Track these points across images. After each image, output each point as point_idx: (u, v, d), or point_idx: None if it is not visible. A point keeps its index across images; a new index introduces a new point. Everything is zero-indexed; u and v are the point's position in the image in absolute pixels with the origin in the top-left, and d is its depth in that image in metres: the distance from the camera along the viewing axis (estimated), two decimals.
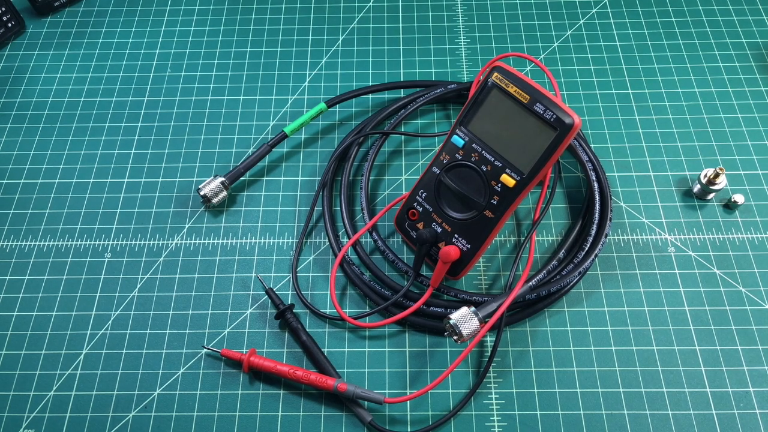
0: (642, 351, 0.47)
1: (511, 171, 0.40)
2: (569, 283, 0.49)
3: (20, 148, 0.59)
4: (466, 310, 0.44)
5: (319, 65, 0.64)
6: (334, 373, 0.46)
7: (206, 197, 0.53)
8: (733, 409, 0.45)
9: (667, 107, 0.59)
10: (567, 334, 0.48)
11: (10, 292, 0.51)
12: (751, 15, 0.66)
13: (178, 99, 0.61)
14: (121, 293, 0.51)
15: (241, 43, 0.65)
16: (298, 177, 0.56)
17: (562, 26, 0.66)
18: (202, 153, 0.58)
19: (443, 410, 0.45)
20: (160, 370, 0.47)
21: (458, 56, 0.64)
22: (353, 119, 0.60)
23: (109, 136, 0.59)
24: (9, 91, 0.63)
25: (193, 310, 0.50)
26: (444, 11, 0.67)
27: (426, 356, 0.48)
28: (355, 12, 0.68)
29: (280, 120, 0.60)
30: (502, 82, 0.39)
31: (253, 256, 0.52)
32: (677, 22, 0.65)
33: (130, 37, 0.66)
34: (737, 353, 0.47)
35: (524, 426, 0.45)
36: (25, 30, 0.67)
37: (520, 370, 0.47)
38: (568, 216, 0.54)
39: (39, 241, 0.53)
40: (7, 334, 0.49)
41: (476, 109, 0.41)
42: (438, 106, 0.60)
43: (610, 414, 0.45)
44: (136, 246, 0.53)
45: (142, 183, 0.56)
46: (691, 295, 0.49)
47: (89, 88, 0.63)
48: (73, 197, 0.55)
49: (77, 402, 0.46)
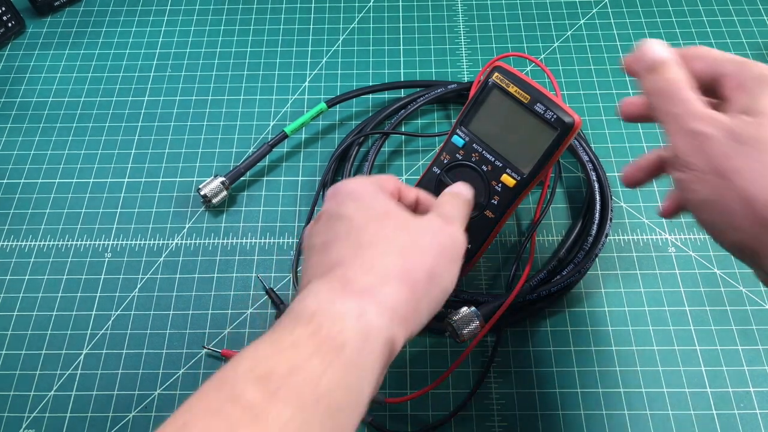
0: (642, 351, 0.47)
1: (511, 171, 0.40)
2: (569, 283, 0.49)
3: (20, 148, 0.59)
4: (467, 310, 0.44)
5: (319, 65, 0.64)
6: None
7: (206, 197, 0.53)
8: (733, 409, 0.45)
9: None
10: (567, 334, 0.48)
11: (10, 292, 0.51)
12: (751, 15, 0.66)
13: (178, 99, 0.61)
14: (121, 293, 0.50)
15: (241, 43, 0.65)
16: (299, 177, 0.56)
17: (562, 26, 0.66)
18: (202, 153, 0.58)
19: (443, 410, 0.45)
20: (160, 370, 0.47)
21: (458, 56, 0.64)
22: (353, 119, 0.60)
23: (109, 135, 0.59)
24: (9, 91, 0.63)
25: (194, 310, 0.50)
26: (444, 11, 0.67)
27: (426, 356, 0.48)
28: (355, 12, 0.68)
29: (280, 120, 0.60)
30: (502, 82, 0.39)
31: (254, 256, 0.52)
32: (677, 22, 0.65)
33: (130, 37, 0.66)
34: (737, 353, 0.47)
35: (524, 426, 0.45)
36: (25, 30, 0.67)
37: (520, 370, 0.47)
38: (569, 216, 0.54)
39: (39, 241, 0.53)
40: (7, 334, 0.49)
41: (477, 109, 0.41)
42: (438, 106, 0.60)
43: (610, 414, 0.45)
44: (136, 246, 0.53)
45: (142, 183, 0.56)
46: (691, 295, 0.49)
47: (89, 87, 0.63)
48: (73, 197, 0.55)
49: (77, 402, 0.46)
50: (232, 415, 0.23)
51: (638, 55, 0.31)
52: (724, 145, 0.27)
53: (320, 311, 0.27)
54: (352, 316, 0.27)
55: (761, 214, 0.26)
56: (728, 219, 0.28)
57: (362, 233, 0.31)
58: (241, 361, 0.25)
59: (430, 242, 0.32)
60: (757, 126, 0.27)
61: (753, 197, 0.27)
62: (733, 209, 0.27)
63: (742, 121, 0.28)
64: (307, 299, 0.28)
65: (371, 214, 0.32)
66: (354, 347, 0.26)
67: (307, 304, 0.27)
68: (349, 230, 0.32)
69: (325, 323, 0.26)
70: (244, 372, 0.24)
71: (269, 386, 0.23)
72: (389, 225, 0.32)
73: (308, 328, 0.26)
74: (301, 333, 0.25)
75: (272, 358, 0.25)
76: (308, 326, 0.26)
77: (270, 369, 0.24)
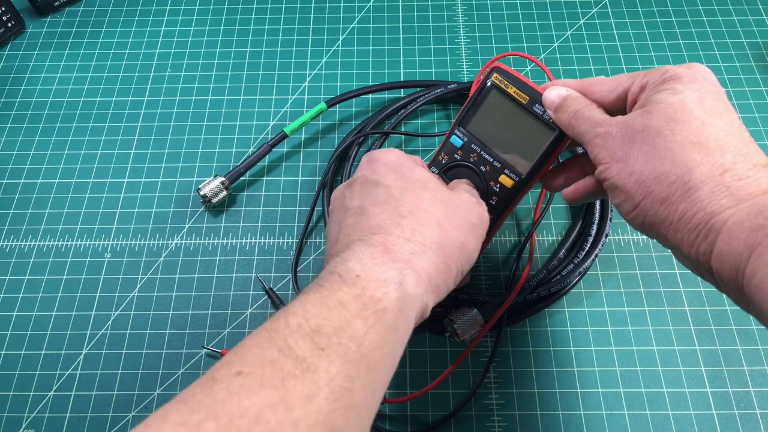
0: (642, 351, 0.47)
1: (509, 171, 0.40)
2: (569, 283, 0.49)
3: (20, 148, 0.59)
4: (467, 310, 0.44)
5: (319, 65, 0.64)
6: None
7: (206, 197, 0.53)
8: (733, 409, 0.45)
9: None
10: (567, 334, 0.48)
11: (10, 292, 0.51)
12: (751, 15, 0.66)
13: (178, 99, 0.61)
14: (121, 293, 0.51)
15: (241, 43, 0.65)
16: (298, 177, 0.56)
17: (562, 26, 0.66)
18: (202, 153, 0.58)
19: (443, 410, 0.45)
20: (160, 370, 0.47)
21: (458, 56, 0.64)
22: (353, 119, 0.60)
23: (109, 135, 0.59)
24: (9, 91, 0.63)
25: (193, 310, 0.50)
26: (444, 11, 0.67)
27: (426, 356, 0.48)
28: (355, 12, 0.68)
29: (280, 120, 0.60)
30: (501, 82, 0.39)
31: (253, 256, 0.52)
32: (677, 21, 0.65)
33: (130, 37, 0.66)
34: (737, 353, 0.47)
35: (524, 426, 0.45)
36: (25, 30, 0.67)
37: (520, 370, 0.47)
38: (569, 216, 0.54)
39: (39, 241, 0.53)
40: (7, 334, 0.49)
41: (475, 110, 0.41)
42: (438, 106, 0.60)
43: (610, 414, 0.45)
44: (136, 246, 0.53)
45: (142, 183, 0.56)
46: (691, 294, 0.49)
47: (89, 87, 0.63)
48: (73, 197, 0.55)
49: (77, 402, 0.46)
50: (285, 366, 0.24)
51: (545, 100, 0.36)
52: (619, 137, 0.31)
53: (364, 275, 0.29)
54: (392, 282, 0.29)
55: (652, 190, 0.30)
56: (630, 200, 0.31)
57: (401, 202, 0.34)
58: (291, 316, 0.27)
59: (463, 217, 0.35)
60: (646, 114, 0.31)
61: (643, 177, 0.30)
62: (632, 190, 0.31)
63: (634, 113, 0.32)
64: (350, 261, 0.30)
65: (408, 185, 0.35)
66: (393, 312, 0.28)
67: (352, 266, 0.29)
68: (387, 198, 0.34)
69: (369, 287, 0.28)
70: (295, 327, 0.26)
71: (319, 342, 0.26)
72: (426, 197, 0.35)
73: (353, 289, 0.28)
74: (347, 293, 0.28)
75: (320, 316, 0.26)
76: (353, 288, 0.28)
77: (319, 325, 0.26)
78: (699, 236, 0.29)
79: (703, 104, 0.30)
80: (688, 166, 0.29)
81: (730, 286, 0.28)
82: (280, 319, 0.27)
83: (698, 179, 0.29)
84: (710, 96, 0.31)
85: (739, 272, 0.27)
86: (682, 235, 0.29)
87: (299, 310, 0.27)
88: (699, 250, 0.29)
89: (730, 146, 0.29)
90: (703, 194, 0.28)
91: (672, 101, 0.30)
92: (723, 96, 0.31)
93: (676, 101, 0.30)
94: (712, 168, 0.29)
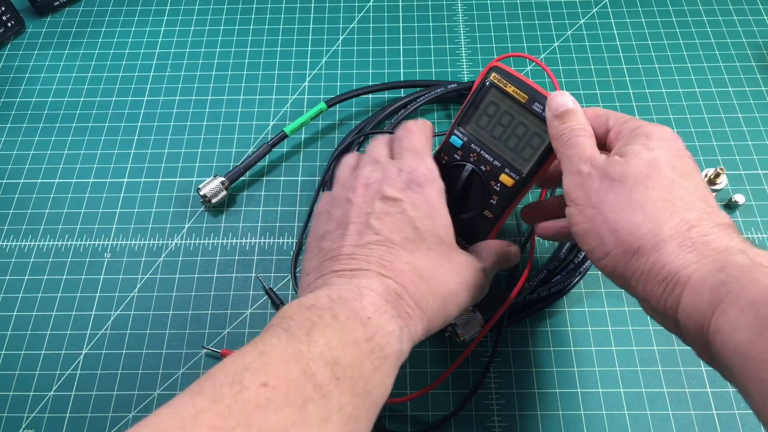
0: (642, 351, 0.47)
1: (510, 171, 0.40)
2: (569, 283, 0.49)
3: (20, 148, 0.59)
4: (467, 310, 0.44)
5: (319, 65, 0.64)
6: None
7: (206, 197, 0.53)
8: (733, 409, 0.45)
9: (667, 107, 0.59)
10: (567, 334, 0.48)
11: (10, 292, 0.51)
12: (751, 15, 0.65)
13: (178, 99, 0.61)
14: (120, 293, 0.50)
15: (241, 43, 0.65)
16: (298, 177, 0.56)
17: (562, 26, 0.66)
18: (202, 153, 0.58)
19: (443, 410, 0.45)
20: (160, 370, 0.47)
21: (458, 56, 0.64)
22: (353, 119, 0.60)
23: (108, 135, 0.59)
24: (9, 91, 0.63)
25: (193, 310, 0.50)
26: (444, 11, 0.67)
27: (426, 356, 0.47)
28: (355, 12, 0.68)
29: (280, 120, 0.60)
30: (500, 82, 0.39)
31: (253, 256, 0.52)
32: (678, 21, 0.65)
33: (130, 37, 0.66)
34: None
35: (524, 426, 0.44)
36: (25, 30, 0.67)
37: (520, 370, 0.47)
38: None
39: (39, 241, 0.53)
40: (7, 334, 0.49)
41: (474, 109, 0.41)
42: (438, 106, 0.60)
43: (610, 414, 0.45)
44: (136, 246, 0.53)
45: (142, 183, 0.56)
46: None
47: (89, 87, 0.63)
48: (72, 197, 0.55)
49: (77, 402, 0.46)
50: (306, 390, 0.26)
51: (550, 102, 0.37)
52: (597, 182, 0.32)
53: (374, 320, 0.31)
54: (395, 336, 0.32)
55: (625, 240, 0.31)
56: (602, 246, 0.32)
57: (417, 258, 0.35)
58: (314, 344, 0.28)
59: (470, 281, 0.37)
60: (624, 164, 0.32)
61: (618, 226, 0.31)
62: (605, 237, 0.32)
63: (613, 160, 0.33)
64: (365, 297, 0.32)
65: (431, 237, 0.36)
66: (391, 361, 0.31)
67: (366, 305, 0.31)
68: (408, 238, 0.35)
69: (378, 334, 0.31)
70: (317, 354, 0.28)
71: (336, 372, 0.28)
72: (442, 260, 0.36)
73: (366, 332, 0.30)
74: (361, 335, 0.30)
75: (339, 349, 0.29)
76: (366, 330, 0.30)
77: (338, 357, 0.28)
78: (666, 289, 0.30)
79: (672, 164, 0.32)
80: (659, 220, 0.30)
81: (696, 340, 0.29)
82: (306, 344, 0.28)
83: (668, 233, 0.30)
84: (678, 158, 0.33)
85: (704, 328, 0.28)
86: (651, 287, 0.30)
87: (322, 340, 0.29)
88: (666, 304, 0.30)
89: (696, 206, 0.31)
90: (671, 248, 0.30)
91: (647, 158, 0.32)
92: (690, 159, 0.33)
93: (651, 158, 0.32)
94: (680, 223, 0.30)
